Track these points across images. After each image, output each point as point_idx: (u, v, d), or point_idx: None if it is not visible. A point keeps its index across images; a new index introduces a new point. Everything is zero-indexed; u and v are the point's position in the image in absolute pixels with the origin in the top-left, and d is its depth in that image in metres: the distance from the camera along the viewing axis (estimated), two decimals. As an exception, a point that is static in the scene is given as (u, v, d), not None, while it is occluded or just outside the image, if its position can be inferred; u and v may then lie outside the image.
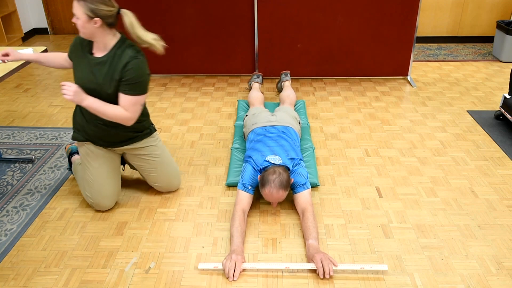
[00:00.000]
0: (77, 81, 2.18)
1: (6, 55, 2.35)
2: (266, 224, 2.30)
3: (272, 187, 2.18)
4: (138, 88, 2.13)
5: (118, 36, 2.15)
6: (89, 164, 2.33)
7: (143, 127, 2.36)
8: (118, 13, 2.08)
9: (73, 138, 2.34)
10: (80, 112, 2.28)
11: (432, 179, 2.66)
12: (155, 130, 2.46)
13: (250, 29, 3.99)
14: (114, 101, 2.17)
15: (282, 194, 2.22)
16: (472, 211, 2.38)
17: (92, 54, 2.16)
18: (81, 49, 2.19)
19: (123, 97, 2.13)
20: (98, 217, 2.36)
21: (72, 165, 2.60)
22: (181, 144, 3.08)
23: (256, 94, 3.35)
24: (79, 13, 2.00)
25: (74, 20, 2.04)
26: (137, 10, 3.90)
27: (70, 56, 2.28)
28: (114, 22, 2.08)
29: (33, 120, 3.44)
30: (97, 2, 1.99)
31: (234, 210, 2.24)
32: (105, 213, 2.39)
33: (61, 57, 2.41)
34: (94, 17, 2.00)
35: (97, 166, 2.32)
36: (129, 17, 2.08)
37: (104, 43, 2.11)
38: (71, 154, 2.66)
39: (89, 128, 2.27)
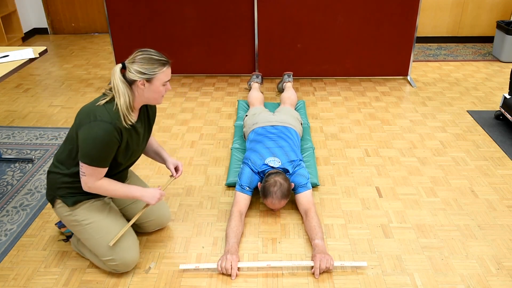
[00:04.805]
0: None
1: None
2: (266, 224, 2.30)
3: (274, 199, 2.23)
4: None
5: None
6: (97, 219, 1.92)
7: None
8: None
9: (74, 203, 1.89)
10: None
11: (432, 179, 2.66)
12: None
13: (250, 29, 3.99)
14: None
15: (284, 203, 2.28)
16: (472, 211, 2.38)
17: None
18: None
19: None
20: (98, 217, 2.36)
21: (74, 244, 2.13)
22: (181, 144, 3.08)
23: (256, 94, 3.35)
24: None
25: (168, 87, 1.83)
26: (138, 10, 3.91)
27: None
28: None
29: (33, 120, 3.44)
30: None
31: (231, 211, 2.25)
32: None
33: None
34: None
35: (106, 214, 1.95)
36: None
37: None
38: (69, 236, 2.22)
39: None
